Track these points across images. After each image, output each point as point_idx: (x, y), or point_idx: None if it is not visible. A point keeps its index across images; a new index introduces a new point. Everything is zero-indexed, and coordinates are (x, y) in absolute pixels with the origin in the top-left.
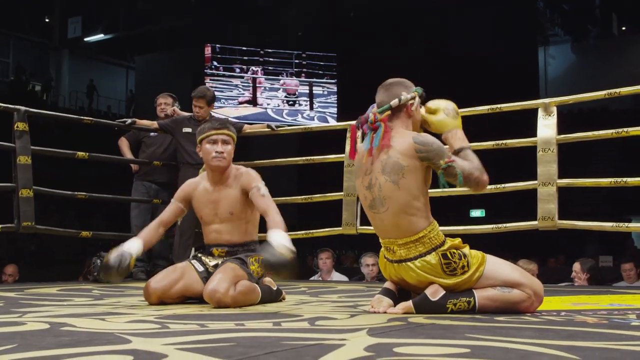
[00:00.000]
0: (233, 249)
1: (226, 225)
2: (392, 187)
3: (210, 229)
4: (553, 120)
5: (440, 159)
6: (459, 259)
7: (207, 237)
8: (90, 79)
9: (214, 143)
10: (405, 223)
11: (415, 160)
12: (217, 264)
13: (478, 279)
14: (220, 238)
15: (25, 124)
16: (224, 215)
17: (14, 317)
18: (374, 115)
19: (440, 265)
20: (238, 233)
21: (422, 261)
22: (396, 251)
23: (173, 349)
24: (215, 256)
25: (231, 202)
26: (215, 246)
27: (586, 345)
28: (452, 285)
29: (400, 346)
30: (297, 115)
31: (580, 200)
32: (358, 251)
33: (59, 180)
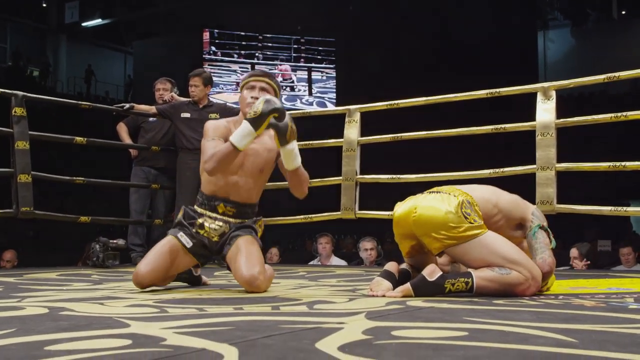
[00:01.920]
0: (242, 209)
1: (249, 181)
2: (511, 201)
3: (227, 179)
4: (552, 104)
5: (545, 224)
6: (475, 215)
7: (217, 187)
8: (88, 64)
9: (251, 89)
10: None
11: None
12: (224, 232)
13: (474, 237)
14: (235, 192)
15: (23, 109)
16: (251, 170)
17: (12, 302)
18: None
19: (460, 203)
20: (256, 192)
21: (450, 195)
22: (441, 188)
23: (171, 333)
24: (220, 213)
25: (264, 159)
26: (224, 201)
27: (584, 328)
28: (453, 226)
29: (398, 329)
30: (296, 101)
31: (579, 185)
32: (357, 236)
33: (58, 165)
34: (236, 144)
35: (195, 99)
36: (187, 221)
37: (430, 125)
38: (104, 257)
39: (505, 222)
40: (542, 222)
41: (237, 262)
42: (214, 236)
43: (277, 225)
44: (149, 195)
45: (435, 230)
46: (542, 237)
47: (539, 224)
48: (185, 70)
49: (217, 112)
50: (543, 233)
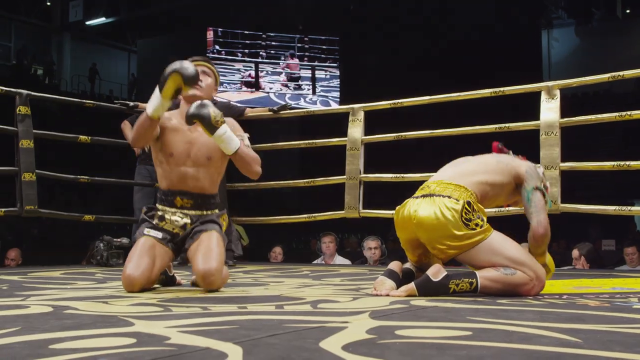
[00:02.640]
0: (199, 200)
1: (199, 170)
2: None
3: (177, 171)
4: (556, 103)
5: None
6: (478, 217)
7: (170, 180)
8: (93, 63)
9: None
10: (472, 175)
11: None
12: (186, 224)
13: (479, 242)
14: (187, 184)
15: (28, 108)
16: (199, 159)
17: (17, 300)
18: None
19: (461, 210)
20: (209, 181)
21: (448, 200)
22: (431, 187)
23: (176, 332)
24: (178, 207)
25: (211, 147)
26: (179, 194)
27: (588, 328)
28: (456, 235)
29: (402, 329)
30: (300, 99)
31: (583, 184)
32: (361, 235)
33: (62, 164)
34: (149, 111)
35: None
36: (147, 215)
37: (434, 124)
38: (108, 255)
39: (502, 191)
40: (536, 182)
41: (195, 256)
42: (174, 227)
43: (280, 224)
44: (152, 193)
45: (439, 240)
46: (536, 200)
47: (532, 186)
48: None
49: (221, 110)
50: (537, 195)
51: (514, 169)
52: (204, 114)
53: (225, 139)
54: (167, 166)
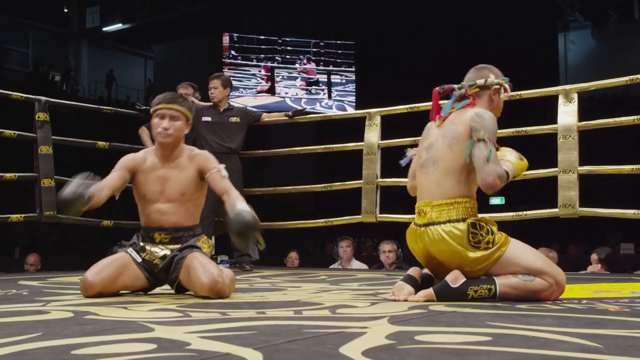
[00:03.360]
0: (178, 234)
1: (173, 205)
2: (446, 150)
3: (152, 208)
4: (574, 106)
5: (484, 132)
6: (486, 233)
7: (146, 218)
8: (110, 69)
9: (162, 118)
10: (447, 184)
11: (468, 128)
12: (166, 255)
13: (498, 258)
14: (163, 220)
15: (46, 114)
16: (172, 195)
17: (38, 306)
18: (464, 89)
19: (467, 234)
20: (184, 215)
21: (450, 226)
22: (427, 213)
23: (195, 337)
24: (157, 242)
25: (184, 183)
26: (157, 230)
27: (608, 333)
28: (473, 259)
29: (421, 334)
30: (316, 104)
31: (602, 187)
32: (377, 239)
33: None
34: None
35: (214, 100)
36: (133, 242)
37: None
38: None
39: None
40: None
41: (193, 276)
42: (154, 259)
43: (296, 228)
44: None
45: (461, 268)
46: (478, 153)
47: (472, 140)
48: (205, 75)
49: (238, 115)
50: (480, 146)
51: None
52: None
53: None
54: (143, 204)
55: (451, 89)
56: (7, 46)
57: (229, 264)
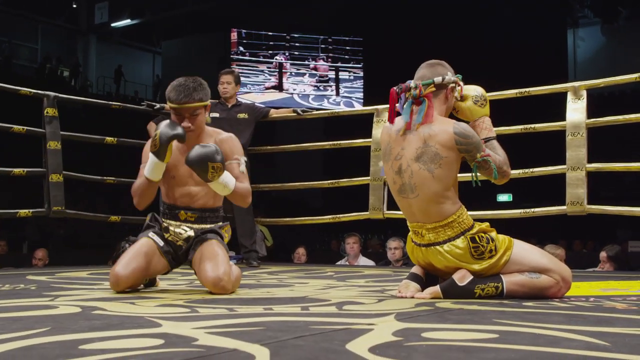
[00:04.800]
0: (203, 215)
1: (202, 188)
2: (426, 176)
3: (181, 190)
4: (582, 104)
5: (478, 152)
6: (487, 242)
7: (174, 198)
8: (118, 65)
9: (179, 116)
10: (434, 210)
11: (454, 152)
12: (190, 237)
13: (505, 264)
14: (192, 201)
15: (55, 110)
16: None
17: (46, 301)
18: (419, 89)
19: (469, 249)
20: (212, 198)
21: (450, 245)
22: (425, 235)
23: (203, 333)
24: (182, 220)
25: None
26: (184, 209)
27: (616, 332)
28: (479, 270)
29: (428, 331)
30: (324, 100)
31: (611, 184)
32: (384, 236)
33: (88, 164)
34: (149, 177)
35: (226, 95)
36: (153, 223)
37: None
38: None
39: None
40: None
41: (201, 265)
42: (178, 240)
43: (303, 224)
44: None
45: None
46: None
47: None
48: (214, 71)
49: (246, 111)
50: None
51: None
52: (201, 170)
53: (221, 187)
54: (170, 186)
55: (408, 87)
56: (16, 42)
57: (236, 260)
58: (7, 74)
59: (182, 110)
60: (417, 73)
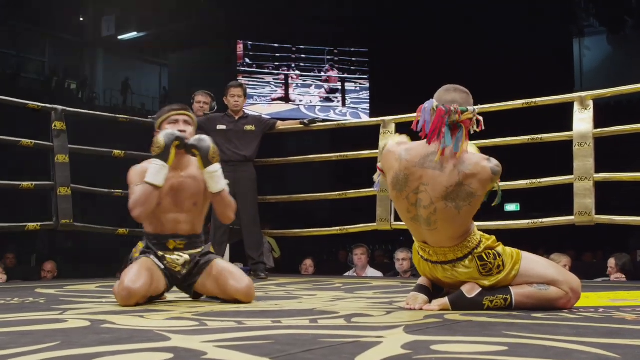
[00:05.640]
0: (191, 240)
1: (187, 215)
2: (453, 213)
3: (167, 217)
4: (589, 114)
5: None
6: (494, 258)
7: (160, 226)
8: (126, 77)
9: (175, 123)
10: (447, 242)
11: (487, 189)
12: (186, 261)
13: (514, 278)
14: (178, 228)
15: (63, 123)
16: (186, 205)
17: (55, 315)
18: (458, 114)
19: (477, 267)
20: (197, 224)
21: (458, 264)
22: (432, 255)
23: (212, 347)
24: (171, 249)
25: (195, 192)
26: (171, 237)
27: (625, 343)
28: (489, 285)
29: (437, 344)
30: (330, 112)
31: (620, 194)
32: (392, 247)
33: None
34: (153, 182)
35: (237, 108)
36: (148, 250)
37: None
38: None
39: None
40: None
41: (224, 280)
42: (176, 266)
43: (310, 236)
44: None
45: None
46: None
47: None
48: (221, 83)
49: (253, 123)
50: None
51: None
52: (203, 146)
53: (215, 176)
54: (156, 214)
55: (449, 110)
56: (24, 55)
57: (244, 272)
58: (14, 87)
59: (177, 115)
60: (443, 95)
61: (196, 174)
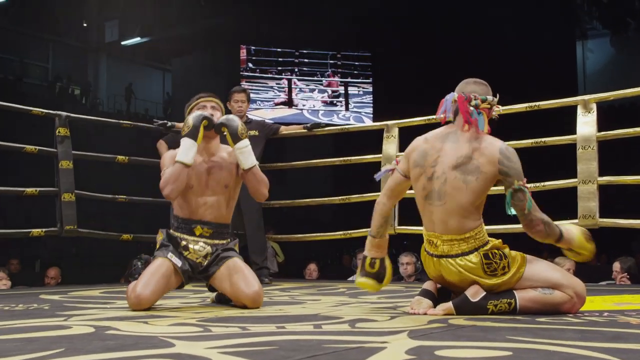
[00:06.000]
0: (218, 229)
1: (217, 199)
2: (460, 186)
3: (197, 201)
4: (593, 117)
5: (517, 179)
6: (500, 259)
7: (190, 210)
8: (129, 83)
9: (202, 108)
10: (455, 223)
11: (494, 169)
12: (208, 253)
13: (518, 280)
14: (208, 213)
15: (67, 129)
16: (217, 187)
17: (59, 321)
18: (479, 101)
19: (482, 265)
20: (226, 211)
21: (463, 259)
22: (439, 246)
23: (216, 353)
24: (197, 235)
25: (227, 174)
26: (200, 223)
27: (630, 348)
28: (491, 285)
29: (441, 349)
30: (333, 116)
31: (625, 196)
32: (396, 251)
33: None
34: (183, 160)
35: (241, 114)
36: (170, 242)
37: None
38: None
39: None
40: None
41: (233, 282)
42: (197, 257)
43: (313, 240)
44: None
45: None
46: (518, 203)
47: (510, 191)
48: (224, 88)
49: (256, 128)
50: (518, 197)
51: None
52: (232, 124)
53: (245, 152)
54: (187, 196)
55: (469, 97)
56: (27, 60)
57: None
58: (18, 92)
59: (205, 101)
60: (464, 87)
61: (226, 157)
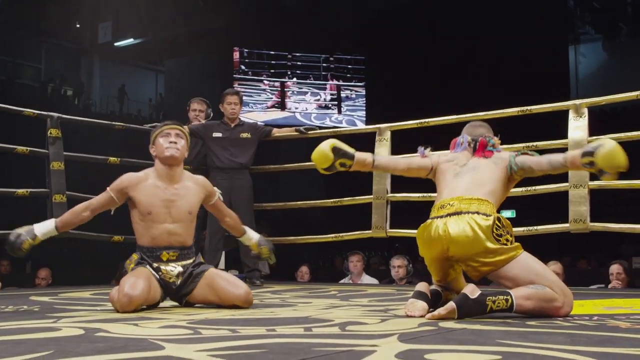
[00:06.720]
0: (183, 252)
1: (180, 225)
2: (491, 166)
3: (160, 228)
4: (584, 121)
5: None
6: (507, 233)
7: (152, 238)
8: (122, 84)
9: (167, 136)
10: (480, 190)
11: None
12: (180, 272)
13: (512, 259)
14: (172, 239)
15: (58, 130)
16: (180, 215)
17: (48, 323)
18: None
19: (492, 226)
20: (189, 235)
21: (478, 216)
22: (454, 205)
23: (206, 356)
24: (165, 261)
25: (191, 202)
26: (165, 249)
27: (619, 352)
28: (488, 248)
29: (431, 352)
30: (326, 119)
31: (614, 201)
32: (388, 254)
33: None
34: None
35: (234, 116)
36: (142, 261)
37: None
38: None
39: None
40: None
41: (222, 286)
42: (170, 277)
43: (305, 243)
44: None
45: (473, 258)
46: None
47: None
48: (216, 90)
49: (249, 131)
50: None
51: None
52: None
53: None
54: (147, 225)
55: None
56: (20, 61)
57: (240, 279)
58: (10, 93)
59: (170, 129)
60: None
61: (190, 186)
